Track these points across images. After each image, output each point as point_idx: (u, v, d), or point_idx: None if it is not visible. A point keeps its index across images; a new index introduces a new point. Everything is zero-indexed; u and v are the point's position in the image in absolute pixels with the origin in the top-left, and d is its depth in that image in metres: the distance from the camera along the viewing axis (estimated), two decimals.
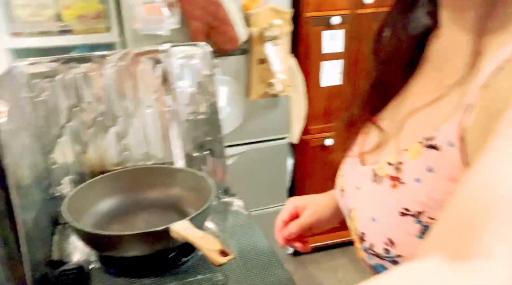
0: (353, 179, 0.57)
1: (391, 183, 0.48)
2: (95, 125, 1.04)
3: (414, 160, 0.45)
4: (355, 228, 0.52)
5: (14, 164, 0.71)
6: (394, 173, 0.47)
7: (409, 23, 0.56)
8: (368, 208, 0.50)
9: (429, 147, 0.44)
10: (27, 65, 0.97)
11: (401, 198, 0.46)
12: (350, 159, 0.60)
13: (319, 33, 1.91)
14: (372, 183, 0.51)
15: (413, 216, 0.44)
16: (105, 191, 0.99)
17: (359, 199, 0.54)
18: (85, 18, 1.65)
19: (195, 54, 1.07)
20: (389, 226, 0.47)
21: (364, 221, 0.50)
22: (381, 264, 0.48)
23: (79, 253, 0.93)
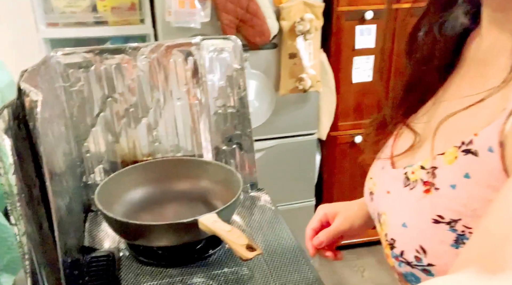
0: (383, 182, 0.55)
1: (424, 188, 0.45)
2: (127, 116, 1.05)
3: (450, 165, 0.43)
4: (385, 233, 0.50)
5: (49, 152, 0.73)
6: (427, 177, 0.45)
7: (447, 22, 0.54)
8: (399, 213, 0.48)
9: (466, 152, 0.42)
10: (62, 55, 0.99)
11: (435, 205, 0.44)
12: (381, 162, 0.58)
13: (351, 28, 1.88)
14: (404, 187, 0.49)
15: (447, 223, 0.42)
16: (136, 181, 1.01)
17: (389, 203, 0.51)
18: (119, 9, 1.67)
19: (225, 48, 1.07)
20: (421, 233, 0.45)
21: (395, 226, 0.48)
22: (412, 272, 0.46)
23: (110, 240, 0.95)
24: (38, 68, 0.83)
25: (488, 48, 0.49)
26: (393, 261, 0.48)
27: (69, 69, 1.00)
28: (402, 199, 0.49)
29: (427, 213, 0.44)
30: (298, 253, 0.88)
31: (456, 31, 0.54)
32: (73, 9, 1.64)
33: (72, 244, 0.81)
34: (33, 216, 0.64)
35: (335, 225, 0.74)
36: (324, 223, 0.77)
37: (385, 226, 0.50)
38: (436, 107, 0.53)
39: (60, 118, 0.92)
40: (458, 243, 0.42)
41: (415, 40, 0.57)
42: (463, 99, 0.47)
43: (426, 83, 0.55)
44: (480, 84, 0.46)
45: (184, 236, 0.83)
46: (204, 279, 0.82)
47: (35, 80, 0.78)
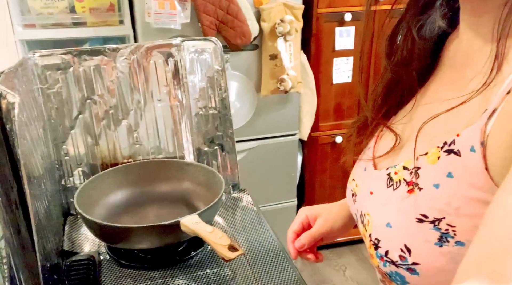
0: (365, 183, 0.55)
1: (407, 188, 0.46)
2: (106, 118, 1.04)
3: (433, 165, 0.44)
4: (369, 234, 0.50)
5: (26, 155, 0.72)
6: (410, 177, 0.46)
7: (425, 25, 0.54)
8: (383, 214, 0.49)
9: (449, 152, 0.42)
10: (40, 57, 0.98)
11: (419, 204, 0.44)
12: (363, 163, 0.58)
13: (331, 30, 1.90)
14: (387, 188, 0.49)
15: (431, 222, 0.43)
16: (116, 183, 1.00)
17: (373, 204, 0.52)
18: (98, 10, 1.65)
19: (206, 49, 1.07)
20: (405, 233, 0.45)
21: (379, 227, 0.49)
22: (397, 272, 0.46)
23: (90, 244, 0.94)
24: (15, 70, 0.81)
25: (466, 51, 0.49)
26: (378, 261, 0.48)
27: (47, 71, 0.98)
28: (386, 199, 0.49)
29: (411, 213, 0.45)
30: (281, 253, 0.89)
31: (434, 34, 0.55)
32: (50, 10, 1.62)
33: (51, 248, 0.80)
34: (11, 220, 0.63)
35: (316, 227, 0.75)
36: (306, 225, 0.77)
37: (369, 227, 0.51)
38: (416, 109, 0.54)
39: (38, 121, 0.90)
40: (442, 242, 0.42)
41: (394, 43, 0.57)
42: (444, 101, 0.47)
43: (405, 85, 0.56)
44: (460, 86, 0.47)
45: (165, 238, 0.83)
46: (186, 281, 0.82)
47: (12, 82, 0.77)
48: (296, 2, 1.74)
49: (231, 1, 1.63)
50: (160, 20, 1.56)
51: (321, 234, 0.74)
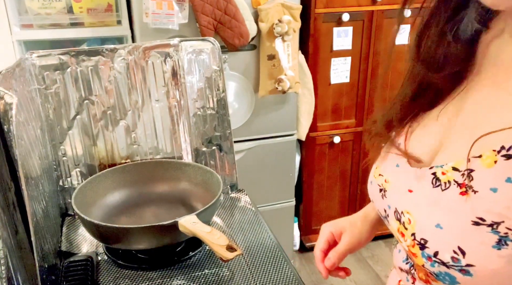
0: (400, 180, 0.54)
1: (460, 190, 0.45)
2: (104, 119, 1.04)
3: (489, 169, 0.43)
4: (411, 233, 0.50)
5: (24, 155, 0.72)
6: (463, 179, 0.45)
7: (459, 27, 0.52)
8: (431, 214, 0.48)
9: (508, 157, 0.42)
10: (37, 57, 0.98)
11: (474, 207, 0.44)
12: (392, 158, 0.57)
13: (328, 30, 1.90)
14: (434, 188, 0.48)
15: (488, 225, 0.42)
16: (114, 184, 1.00)
17: (415, 203, 0.51)
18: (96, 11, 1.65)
19: (204, 49, 1.07)
20: (459, 235, 0.44)
21: (427, 227, 0.48)
22: (447, 272, 0.46)
23: (88, 244, 0.94)
24: (12, 70, 0.81)
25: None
26: (424, 260, 0.48)
27: (45, 71, 0.98)
28: (433, 200, 0.48)
29: (466, 215, 0.44)
30: (279, 253, 0.89)
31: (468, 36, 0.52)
32: (48, 11, 1.61)
33: (49, 249, 0.80)
34: (8, 220, 0.63)
35: (344, 244, 0.73)
36: (331, 241, 0.75)
37: (411, 226, 0.50)
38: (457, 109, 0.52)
39: (35, 121, 0.90)
40: (500, 245, 0.42)
41: (422, 45, 0.54)
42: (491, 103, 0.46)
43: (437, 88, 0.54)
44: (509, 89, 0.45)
45: (164, 238, 0.83)
46: (184, 281, 0.82)
47: (9, 82, 0.77)
48: (294, 2, 1.75)
49: (229, 2, 1.63)
50: (158, 20, 1.56)
51: (349, 251, 0.73)
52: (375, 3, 1.89)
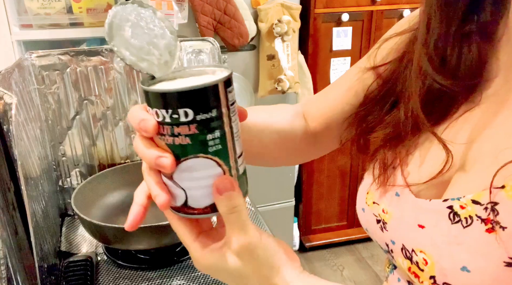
0: (404, 213, 0.47)
1: (485, 227, 0.39)
2: (104, 119, 1.04)
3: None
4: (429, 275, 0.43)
5: (23, 155, 0.72)
6: (487, 214, 0.39)
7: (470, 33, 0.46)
8: (454, 255, 0.41)
9: None
10: (37, 57, 0.98)
11: (505, 246, 0.38)
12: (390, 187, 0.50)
13: (328, 30, 1.91)
14: (452, 224, 0.42)
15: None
16: (114, 184, 1.00)
17: (431, 241, 0.44)
18: (95, 11, 1.65)
19: (203, 49, 1.07)
20: (490, 278, 0.39)
21: (450, 270, 0.42)
22: None
23: (87, 244, 0.94)
24: (12, 70, 0.81)
25: None
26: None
27: (44, 71, 0.98)
28: (454, 238, 0.42)
29: (497, 255, 0.38)
30: None
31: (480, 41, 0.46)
32: (47, 11, 1.61)
33: (48, 249, 0.80)
34: (8, 221, 0.63)
35: None
36: None
37: (429, 267, 0.44)
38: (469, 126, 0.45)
39: (35, 121, 0.90)
40: None
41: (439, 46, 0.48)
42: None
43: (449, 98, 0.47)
44: None
45: (163, 238, 0.83)
46: (184, 281, 0.82)
47: (8, 82, 0.77)
48: (294, 3, 1.75)
49: (229, 2, 1.63)
50: None
51: None
52: (375, 3, 1.89)
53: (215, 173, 0.38)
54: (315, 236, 2.26)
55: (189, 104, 0.35)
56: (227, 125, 0.37)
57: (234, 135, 0.38)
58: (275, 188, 2.03)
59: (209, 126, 0.36)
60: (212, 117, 0.35)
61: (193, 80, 0.38)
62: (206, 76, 0.38)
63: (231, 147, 0.38)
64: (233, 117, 0.38)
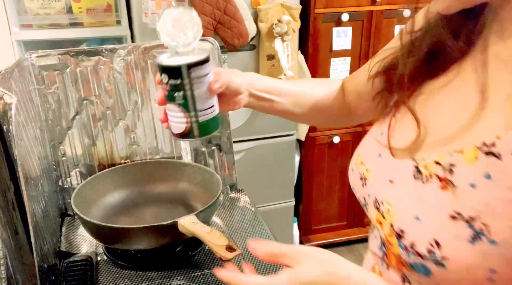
0: (382, 171, 0.55)
1: (440, 184, 0.46)
2: (104, 119, 1.04)
3: (470, 165, 0.44)
4: (389, 223, 0.50)
5: (23, 155, 0.72)
6: (444, 174, 0.46)
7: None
8: (410, 206, 0.48)
9: (488, 154, 0.42)
10: (37, 57, 0.98)
11: (453, 201, 0.44)
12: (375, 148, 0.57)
13: (328, 30, 1.90)
14: (415, 180, 0.49)
15: (465, 221, 0.43)
16: (114, 184, 1.00)
17: (395, 194, 0.51)
18: (95, 11, 1.65)
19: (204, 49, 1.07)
20: (436, 228, 0.45)
21: (405, 218, 0.48)
22: (422, 264, 0.46)
23: (87, 244, 0.94)
24: (11, 70, 0.81)
25: None
26: (400, 250, 0.48)
27: (44, 71, 0.98)
28: (413, 192, 0.48)
29: (444, 209, 0.45)
30: None
31: None
32: (47, 11, 1.61)
33: (48, 249, 0.80)
34: (8, 220, 0.63)
35: None
36: None
37: (389, 215, 0.51)
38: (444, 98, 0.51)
39: (35, 122, 0.90)
40: (475, 239, 0.42)
41: None
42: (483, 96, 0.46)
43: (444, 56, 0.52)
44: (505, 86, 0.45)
45: (163, 238, 0.83)
46: (184, 281, 0.82)
47: (8, 83, 0.77)
48: (294, 3, 1.75)
49: (229, 2, 1.63)
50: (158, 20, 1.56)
51: None
52: (375, 3, 1.89)
53: (180, 115, 0.62)
54: (315, 236, 2.26)
55: (167, 74, 0.60)
56: (189, 90, 0.59)
57: (194, 97, 0.60)
58: (275, 188, 2.03)
59: (175, 88, 0.59)
60: (176, 83, 0.59)
61: (180, 59, 0.59)
62: (190, 56, 0.59)
63: (191, 103, 0.60)
64: (195, 85, 0.59)
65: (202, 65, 0.59)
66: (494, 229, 0.42)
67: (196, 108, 0.61)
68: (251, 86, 0.72)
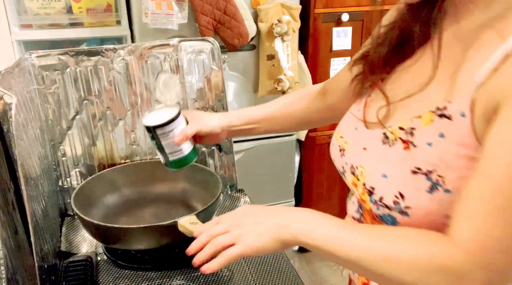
0: (357, 141, 0.62)
1: (403, 146, 0.54)
2: (104, 119, 1.04)
3: (427, 126, 0.52)
4: (362, 183, 0.58)
5: (23, 155, 0.72)
6: (406, 137, 0.54)
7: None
8: (379, 166, 0.56)
9: (441, 116, 0.50)
10: (37, 57, 0.98)
11: (414, 159, 0.52)
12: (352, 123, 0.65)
13: (328, 30, 1.90)
14: (383, 145, 0.57)
15: (424, 174, 0.51)
16: (113, 184, 1.00)
17: (367, 158, 0.59)
18: (95, 11, 1.65)
19: (203, 49, 1.07)
20: (400, 182, 0.53)
21: (375, 177, 0.56)
22: (389, 214, 0.55)
23: (87, 245, 0.94)
24: (11, 70, 0.81)
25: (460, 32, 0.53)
26: (371, 205, 0.56)
27: (44, 71, 0.98)
28: (381, 155, 0.56)
29: (406, 166, 0.53)
30: (278, 254, 0.89)
31: None
32: (47, 11, 1.61)
33: (48, 249, 0.80)
34: (8, 221, 0.63)
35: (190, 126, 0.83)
36: None
37: (362, 177, 0.58)
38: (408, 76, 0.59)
39: (35, 122, 0.90)
40: (433, 190, 0.51)
41: None
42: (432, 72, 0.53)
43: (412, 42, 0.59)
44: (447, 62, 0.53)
45: (163, 238, 0.83)
46: (184, 281, 0.82)
47: (8, 83, 0.77)
48: (294, 3, 1.75)
49: (229, 2, 1.63)
50: (157, 20, 1.56)
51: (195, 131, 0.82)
52: (375, 3, 1.89)
53: (158, 153, 0.81)
54: None
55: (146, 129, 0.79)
56: (158, 140, 0.79)
57: (163, 145, 0.79)
58: (275, 188, 2.03)
59: (151, 137, 0.79)
60: (151, 136, 0.79)
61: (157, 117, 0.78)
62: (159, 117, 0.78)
63: (161, 148, 0.80)
64: (162, 138, 0.78)
65: (166, 125, 0.76)
66: (448, 179, 0.50)
67: (165, 152, 0.80)
68: (229, 126, 0.84)
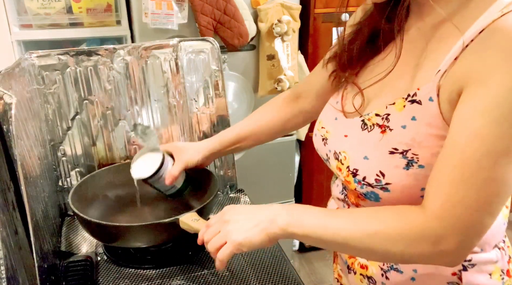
0: (338, 129, 0.68)
1: (380, 130, 0.60)
2: (103, 119, 1.04)
3: (400, 112, 0.58)
4: (346, 166, 0.64)
5: (23, 155, 0.72)
6: (382, 122, 0.60)
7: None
8: (360, 150, 0.63)
9: (412, 102, 0.57)
10: (37, 57, 0.98)
11: (390, 141, 0.59)
12: (331, 114, 0.71)
13: (328, 30, 1.90)
14: (362, 131, 0.63)
15: (400, 153, 0.58)
16: (112, 183, 1.00)
17: (349, 144, 0.65)
18: (95, 11, 1.65)
19: (204, 49, 1.07)
20: (380, 162, 0.60)
21: (357, 160, 0.63)
22: (372, 191, 0.61)
23: (87, 244, 0.94)
24: (11, 70, 0.81)
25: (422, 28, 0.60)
26: (356, 185, 0.63)
27: (44, 71, 0.98)
28: (361, 140, 0.63)
29: (384, 147, 0.59)
30: (278, 254, 0.89)
31: None
32: (47, 11, 1.61)
33: (48, 249, 0.80)
34: (7, 220, 0.63)
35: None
36: None
37: (346, 161, 0.65)
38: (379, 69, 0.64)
39: (35, 121, 0.90)
40: (409, 166, 0.58)
41: None
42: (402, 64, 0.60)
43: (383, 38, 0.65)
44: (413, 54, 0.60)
45: (163, 236, 0.83)
46: (184, 281, 0.82)
47: (8, 82, 0.77)
48: (293, 3, 1.74)
49: (228, 2, 1.63)
50: (157, 20, 1.56)
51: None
52: None
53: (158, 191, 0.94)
54: None
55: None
56: (151, 185, 0.91)
57: (156, 187, 0.91)
58: (275, 188, 2.03)
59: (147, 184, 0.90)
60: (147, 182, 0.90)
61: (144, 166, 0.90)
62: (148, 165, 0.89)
63: (157, 188, 0.92)
64: (154, 183, 0.90)
65: (154, 175, 0.87)
66: (421, 156, 0.57)
67: (160, 189, 0.91)
68: (212, 153, 0.91)
